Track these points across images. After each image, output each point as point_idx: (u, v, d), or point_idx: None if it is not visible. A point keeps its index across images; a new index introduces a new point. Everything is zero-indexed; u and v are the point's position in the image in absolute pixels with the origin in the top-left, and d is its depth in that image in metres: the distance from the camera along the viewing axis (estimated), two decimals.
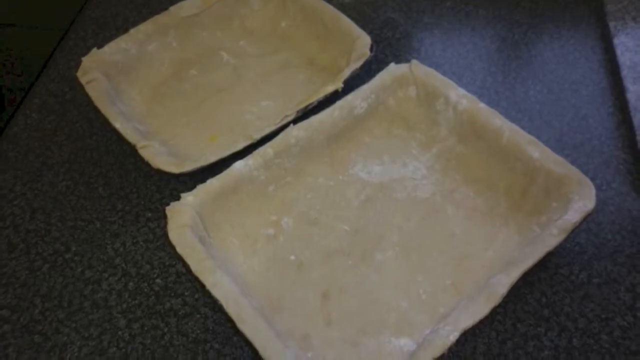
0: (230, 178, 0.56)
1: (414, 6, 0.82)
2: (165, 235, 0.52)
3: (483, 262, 0.54)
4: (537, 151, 0.55)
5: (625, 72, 0.68)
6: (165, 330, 0.53)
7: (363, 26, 0.69)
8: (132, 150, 0.59)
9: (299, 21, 0.75)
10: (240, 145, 0.59)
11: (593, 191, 0.52)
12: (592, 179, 0.55)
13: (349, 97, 0.62)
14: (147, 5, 0.84)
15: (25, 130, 0.69)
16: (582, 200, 0.52)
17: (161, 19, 0.72)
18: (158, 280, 0.56)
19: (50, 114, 0.71)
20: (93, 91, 0.63)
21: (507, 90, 0.70)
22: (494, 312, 0.47)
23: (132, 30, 0.70)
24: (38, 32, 1.15)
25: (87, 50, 0.68)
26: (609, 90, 0.69)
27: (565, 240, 0.50)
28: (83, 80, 0.64)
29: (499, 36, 0.77)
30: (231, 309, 0.47)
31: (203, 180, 0.55)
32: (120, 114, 0.62)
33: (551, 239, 0.50)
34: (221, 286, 0.48)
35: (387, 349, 0.50)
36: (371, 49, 0.65)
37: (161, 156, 0.58)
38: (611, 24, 0.74)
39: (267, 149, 0.58)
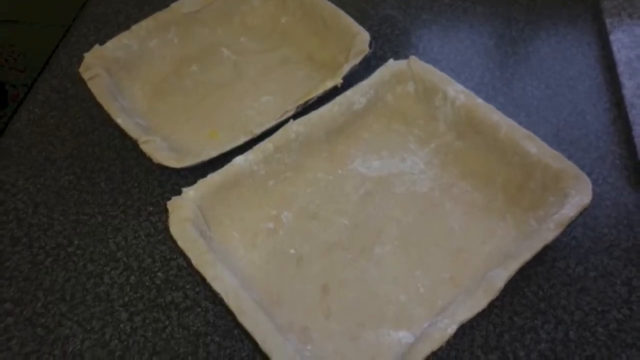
0: (230, 173, 0.56)
1: (412, 3, 0.82)
2: (166, 229, 0.52)
3: (481, 256, 0.55)
4: (534, 146, 0.56)
5: (621, 69, 0.69)
6: (167, 323, 0.53)
7: (362, 23, 0.69)
8: (133, 145, 0.60)
9: (298, 18, 0.75)
10: (240, 140, 0.59)
11: (589, 186, 0.53)
12: (589, 174, 0.55)
13: (348, 93, 0.62)
14: (149, 2, 0.84)
15: (28, 126, 0.70)
16: (579, 195, 0.52)
17: (162, 15, 0.72)
18: (159, 274, 0.57)
19: (52, 110, 0.71)
20: (95, 87, 0.64)
21: (504, 86, 0.70)
22: (491, 305, 0.47)
23: (133, 27, 0.70)
24: (40, 29, 1.15)
25: (89, 47, 0.68)
26: (605, 86, 0.70)
27: (562, 234, 0.51)
28: (85, 76, 0.65)
29: (496, 33, 0.77)
30: (231, 302, 0.47)
31: (204, 175, 0.56)
32: (122, 110, 0.62)
33: (548, 233, 0.50)
34: (222, 279, 0.48)
35: (385, 342, 0.50)
36: (370, 46, 0.66)
37: (162, 151, 0.59)
38: (607, 21, 0.74)
39: (267, 144, 0.58)
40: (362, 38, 0.67)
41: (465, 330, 0.52)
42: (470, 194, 0.59)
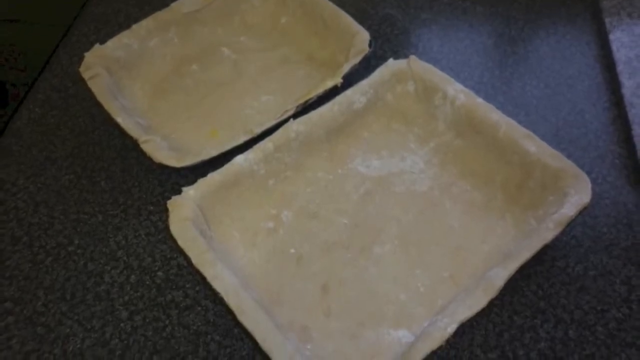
0: (230, 172, 0.56)
1: (412, 2, 0.82)
2: (166, 228, 0.52)
3: (480, 255, 0.55)
4: (533, 145, 0.56)
5: (620, 68, 0.69)
6: (167, 322, 0.54)
7: (362, 22, 0.69)
8: (134, 144, 0.60)
9: (298, 17, 0.75)
10: (240, 140, 0.60)
11: (589, 185, 0.53)
12: (588, 173, 0.55)
13: (348, 92, 0.62)
14: (149, 2, 0.84)
15: (28, 125, 0.70)
16: (578, 194, 0.52)
17: (162, 15, 0.72)
18: (159, 273, 0.57)
19: (53, 109, 0.71)
20: (95, 86, 0.64)
21: (504, 85, 0.70)
22: (491, 304, 0.47)
23: (134, 27, 0.70)
24: (41, 28, 1.15)
25: (89, 46, 0.68)
26: (604, 85, 0.70)
27: (562, 233, 0.51)
28: (85, 75, 0.65)
29: (495, 32, 0.77)
30: (232, 301, 0.47)
31: (204, 174, 0.56)
32: (122, 109, 0.62)
33: (547, 233, 0.50)
34: (222, 279, 0.48)
35: (385, 341, 0.50)
36: (370, 45, 0.66)
37: (162, 150, 0.59)
38: (607, 20, 0.74)
39: (267, 143, 0.58)
40: (361, 37, 0.67)
41: (465, 329, 0.52)
42: (469, 193, 0.59)
